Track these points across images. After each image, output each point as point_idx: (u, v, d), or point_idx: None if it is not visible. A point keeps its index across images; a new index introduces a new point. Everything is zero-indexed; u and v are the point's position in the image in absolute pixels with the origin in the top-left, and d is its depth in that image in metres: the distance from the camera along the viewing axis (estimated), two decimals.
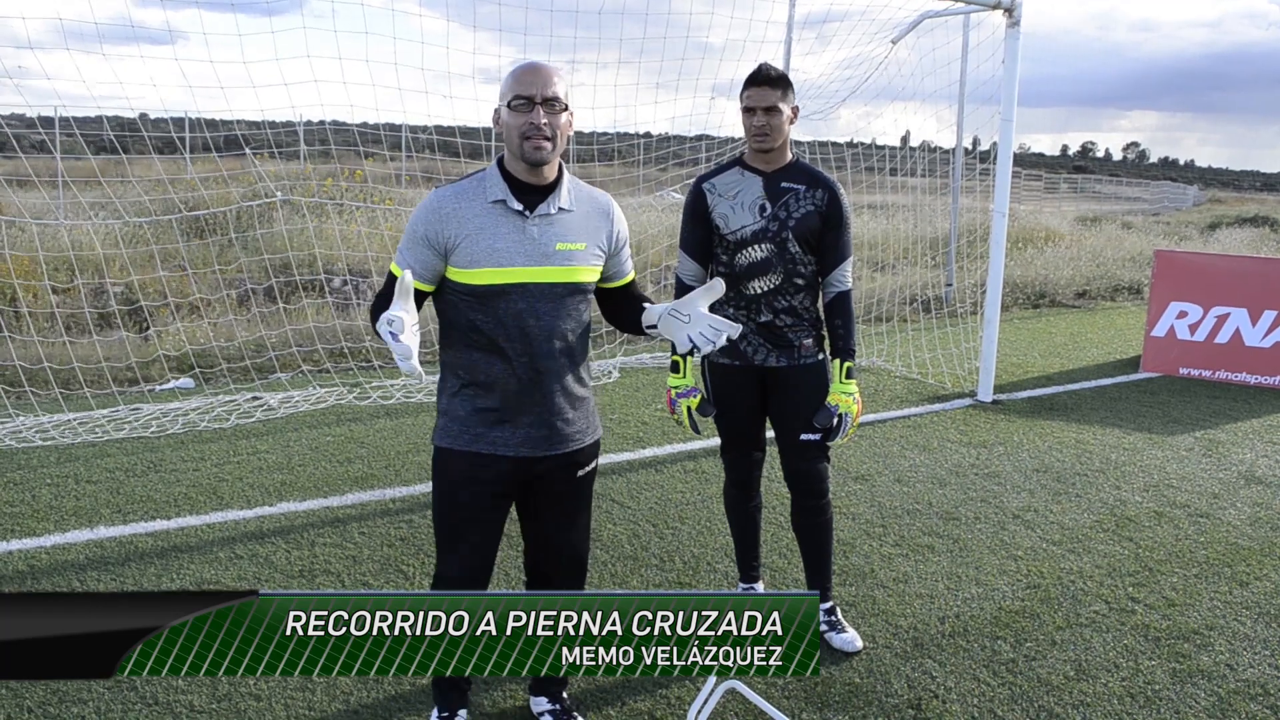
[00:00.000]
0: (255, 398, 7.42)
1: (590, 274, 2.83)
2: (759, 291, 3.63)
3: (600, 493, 5.45)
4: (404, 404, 7.42)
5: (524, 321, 2.74)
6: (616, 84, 12.16)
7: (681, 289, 3.75)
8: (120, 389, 7.50)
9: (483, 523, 2.94)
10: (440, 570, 3.02)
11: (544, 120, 2.64)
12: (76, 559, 4.56)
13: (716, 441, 6.31)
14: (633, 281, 3.04)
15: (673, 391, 3.74)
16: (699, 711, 3.17)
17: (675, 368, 3.74)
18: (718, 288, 2.70)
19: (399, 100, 7.72)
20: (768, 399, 3.79)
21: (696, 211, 3.71)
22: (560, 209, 2.77)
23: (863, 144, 12.19)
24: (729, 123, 12.02)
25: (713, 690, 3.19)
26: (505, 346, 2.76)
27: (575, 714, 3.29)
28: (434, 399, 7.48)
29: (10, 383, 7.29)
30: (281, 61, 6.78)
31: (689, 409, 3.71)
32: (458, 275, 2.74)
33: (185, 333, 8.42)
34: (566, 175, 2.81)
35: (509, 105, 2.67)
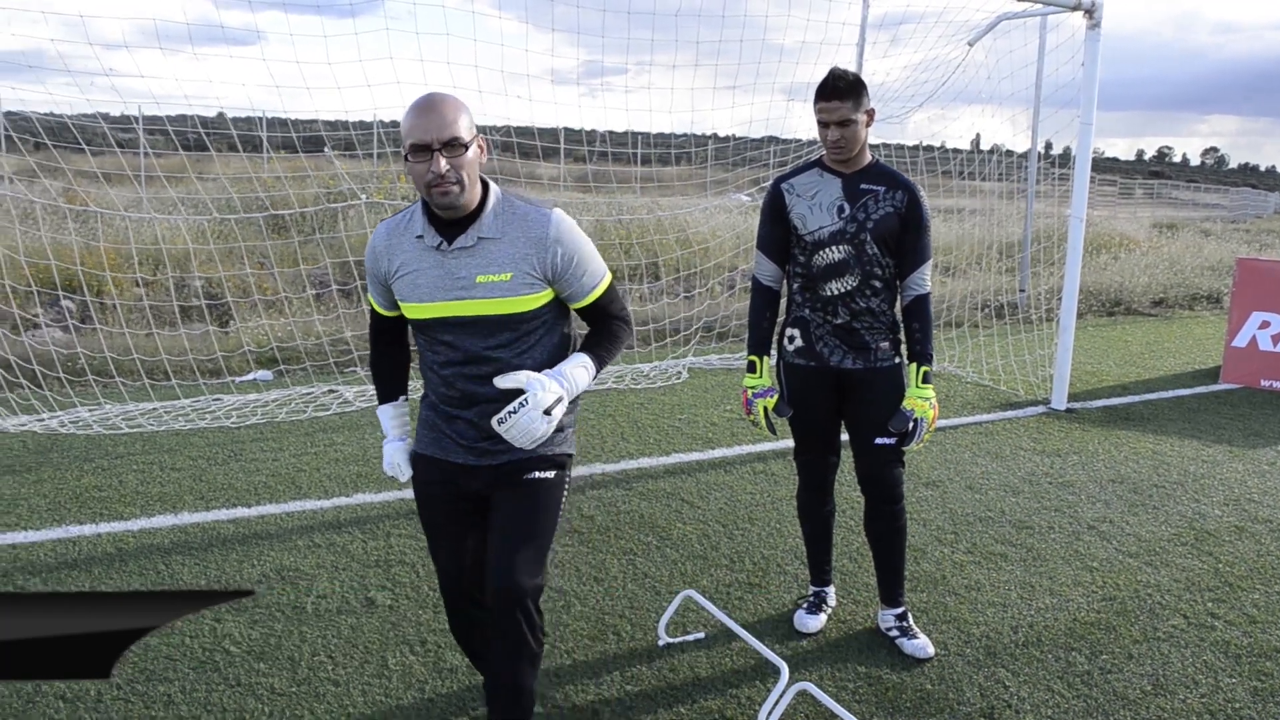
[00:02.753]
0: (331, 391, 7.58)
1: (521, 304, 2.65)
2: (836, 293, 3.63)
3: (670, 492, 5.48)
4: None
5: (453, 353, 2.70)
6: (688, 86, 12.16)
7: (759, 289, 3.76)
8: (203, 380, 7.71)
9: (445, 528, 2.89)
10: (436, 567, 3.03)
11: (445, 167, 2.48)
12: (161, 543, 4.70)
13: (786, 443, 6.35)
14: (595, 302, 2.78)
15: (749, 391, 3.75)
16: (769, 712, 3.18)
17: (751, 368, 3.75)
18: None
19: (479, 101, 7.80)
20: (843, 402, 3.78)
21: (774, 211, 3.71)
22: (481, 238, 2.61)
23: (933, 147, 12.06)
24: (799, 126, 11.98)
25: (784, 691, 3.20)
26: (446, 373, 2.74)
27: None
28: None
29: (99, 372, 7.53)
30: (365, 63, 6.91)
31: (765, 409, 3.71)
32: (401, 305, 2.76)
33: (266, 327, 8.63)
34: (493, 199, 2.65)
35: (406, 156, 2.53)
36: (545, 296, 2.69)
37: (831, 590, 4.14)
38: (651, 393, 7.96)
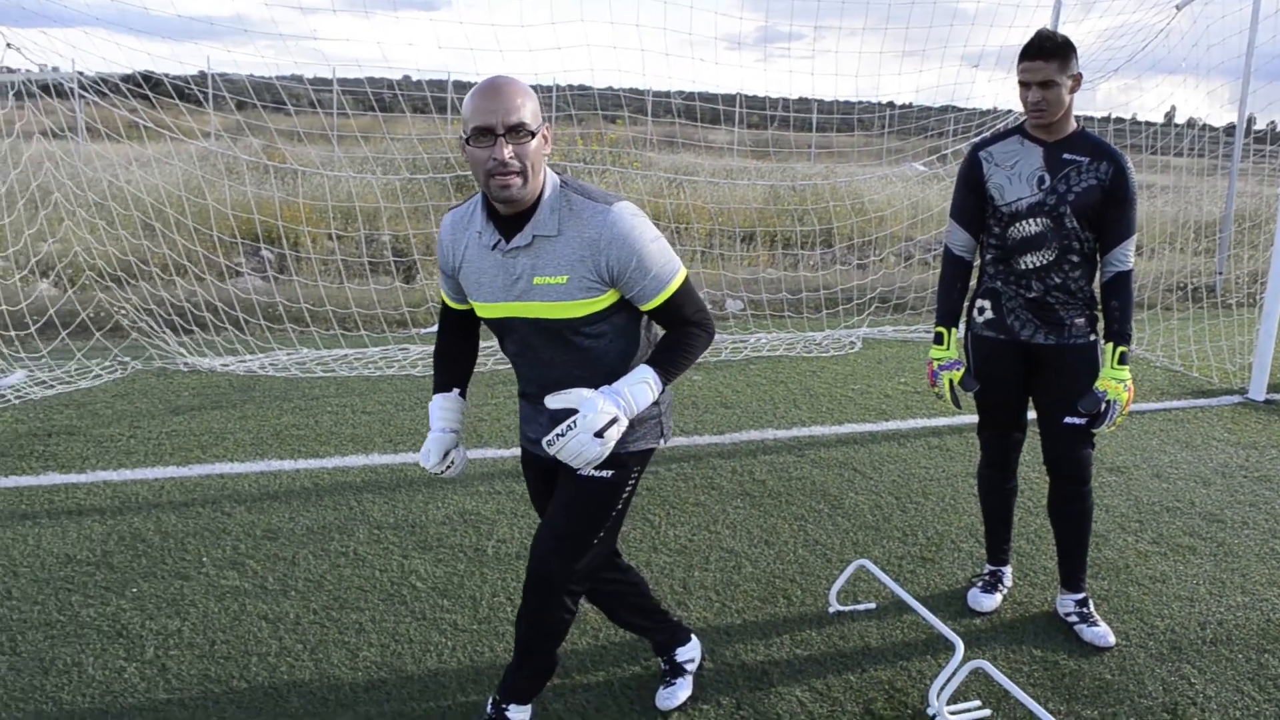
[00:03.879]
0: None
1: (582, 308, 2.51)
2: (1031, 267, 3.52)
3: (842, 461, 5.46)
4: None
5: (523, 352, 2.66)
6: (867, 51, 11.94)
7: (950, 258, 3.69)
8: (390, 330, 8.08)
9: (540, 504, 3.00)
10: None
11: (509, 154, 2.31)
12: (354, 481, 4.97)
13: (961, 419, 6.23)
14: (663, 305, 2.57)
15: (935, 363, 3.68)
16: (941, 688, 3.15)
17: (939, 339, 3.69)
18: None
19: (665, 65, 7.84)
20: (1032, 377, 3.68)
21: (971, 180, 3.62)
22: (537, 236, 2.46)
23: (1123, 119, 11.47)
24: (981, 94, 11.59)
25: (958, 668, 3.16)
26: (520, 369, 2.73)
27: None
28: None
29: (295, 319, 7.99)
30: (556, 25, 7.03)
31: (951, 382, 3.65)
32: (472, 304, 2.69)
33: None
34: (549, 192, 2.47)
35: (468, 140, 2.36)
36: (608, 299, 2.53)
37: (1008, 570, 4.05)
38: (824, 361, 7.91)
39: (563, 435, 2.42)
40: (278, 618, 3.64)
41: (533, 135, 2.33)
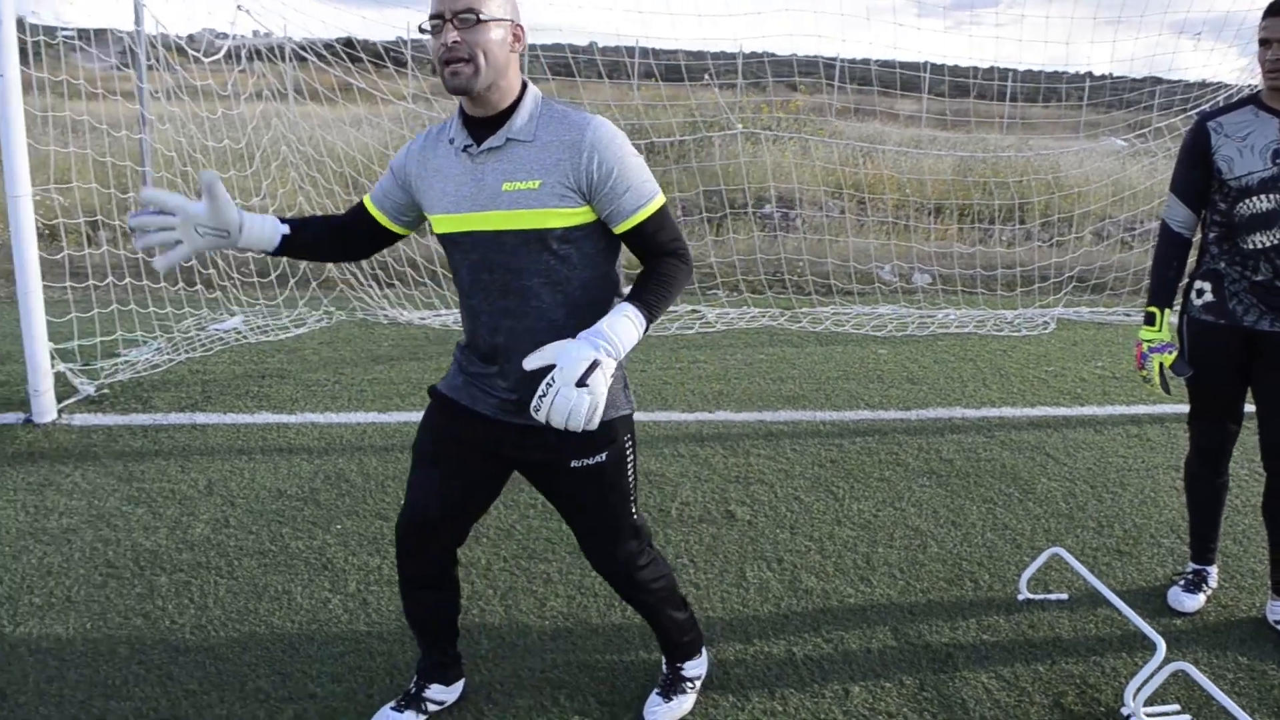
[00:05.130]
0: (694, 311, 7.89)
1: (553, 218, 2.32)
2: (1260, 246, 3.29)
3: (1034, 445, 5.27)
4: (833, 333, 7.59)
5: (479, 275, 2.41)
6: (1064, 16, 11.35)
7: (1168, 235, 3.49)
8: None
9: (437, 461, 2.63)
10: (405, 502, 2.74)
11: (454, 38, 2.22)
12: None
13: (1164, 408, 5.95)
14: (639, 226, 2.38)
15: (1144, 345, 3.50)
16: (1139, 688, 3.02)
17: (1150, 319, 3.50)
18: None
19: (839, 27, 7.70)
20: (1252, 365, 3.45)
21: (1196, 152, 3.41)
22: (510, 139, 2.33)
23: None
24: (1190, 65, 10.89)
25: (1159, 668, 3.02)
26: (472, 301, 2.46)
27: None
28: (864, 331, 7.56)
29: None
30: None
31: (1161, 365, 3.46)
32: (430, 219, 2.49)
33: None
34: (530, 99, 2.37)
35: (421, 29, 2.31)
36: (581, 214, 2.35)
37: (1214, 570, 3.83)
38: (1015, 341, 7.64)
39: (544, 396, 2.13)
40: (470, 562, 3.80)
41: (482, 21, 2.24)
